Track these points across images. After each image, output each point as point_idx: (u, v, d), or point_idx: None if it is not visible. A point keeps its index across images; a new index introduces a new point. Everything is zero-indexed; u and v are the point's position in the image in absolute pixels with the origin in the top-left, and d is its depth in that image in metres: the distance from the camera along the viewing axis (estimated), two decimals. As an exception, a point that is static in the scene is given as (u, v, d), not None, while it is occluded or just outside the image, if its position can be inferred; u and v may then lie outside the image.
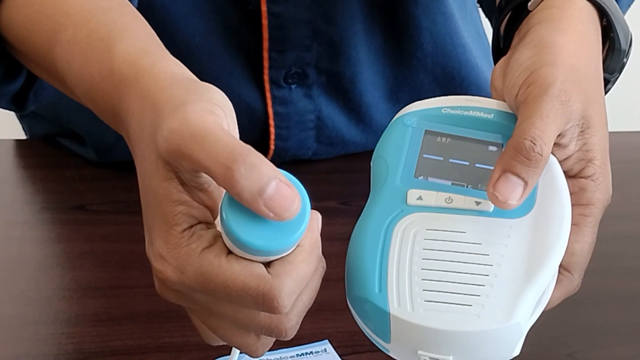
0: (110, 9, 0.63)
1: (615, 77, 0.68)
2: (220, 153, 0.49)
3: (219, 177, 0.49)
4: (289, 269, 0.51)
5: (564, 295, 0.59)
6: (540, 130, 0.55)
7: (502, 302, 0.52)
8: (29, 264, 0.81)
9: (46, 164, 0.97)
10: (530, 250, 0.54)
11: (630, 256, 0.85)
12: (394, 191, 0.57)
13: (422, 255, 0.54)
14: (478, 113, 0.59)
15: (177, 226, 0.51)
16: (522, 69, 0.58)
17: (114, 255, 0.82)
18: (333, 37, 0.90)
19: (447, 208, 0.56)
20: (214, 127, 0.50)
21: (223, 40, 0.89)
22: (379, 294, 0.53)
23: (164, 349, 0.71)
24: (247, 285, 0.50)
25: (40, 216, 0.89)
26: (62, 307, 0.75)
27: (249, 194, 0.49)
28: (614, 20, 0.66)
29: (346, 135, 0.96)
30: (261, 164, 0.49)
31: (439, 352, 0.52)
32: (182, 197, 0.52)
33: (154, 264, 0.53)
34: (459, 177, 0.57)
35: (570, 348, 0.73)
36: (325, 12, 0.89)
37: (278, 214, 0.49)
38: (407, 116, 0.60)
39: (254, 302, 0.51)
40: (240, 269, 0.51)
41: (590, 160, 0.58)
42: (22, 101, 0.77)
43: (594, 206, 0.59)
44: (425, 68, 0.95)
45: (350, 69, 0.92)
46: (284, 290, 0.50)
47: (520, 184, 0.54)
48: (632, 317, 0.77)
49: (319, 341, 0.71)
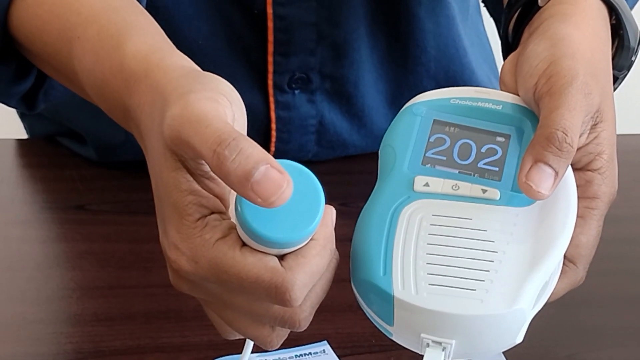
0: (120, 7, 0.64)
1: (623, 74, 0.68)
2: (209, 137, 0.49)
3: (209, 161, 0.49)
4: (302, 263, 0.51)
5: (569, 286, 0.59)
6: (569, 121, 0.55)
7: (506, 287, 0.52)
8: (28, 263, 0.81)
9: (46, 163, 0.97)
10: (536, 238, 0.54)
11: (630, 258, 0.85)
12: (401, 178, 0.57)
13: (428, 240, 0.54)
14: (487, 104, 0.59)
15: (189, 216, 0.51)
16: (540, 59, 0.58)
17: (114, 255, 0.82)
18: (337, 40, 0.90)
19: (454, 195, 0.56)
20: (210, 113, 0.51)
21: (227, 44, 0.89)
22: (383, 276, 0.53)
23: (163, 349, 0.71)
24: (260, 277, 0.50)
25: (39, 216, 0.89)
26: (61, 306, 0.75)
27: (236, 177, 0.48)
28: (624, 17, 0.66)
29: (347, 139, 0.96)
30: (249, 148, 0.49)
31: (442, 335, 0.52)
32: (192, 187, 0.52)
33: (168, 254, 0.53)
34: (466, 166, 0.57)
35: (570, 350, 0.73)
36: (330, 15, 0.89)
37: (264, 198, 0.48)
38: (416, 105, 0.60)
39: (266, 294, 0.51)
40: (254, 261, 0.51)
41: (598, 154, 0.59)
42: (32, 101, 0.77)
43: (599, 200, 0.59)
44: (429, 72, 0.95)
45: (353, 73, 0.92)
46: (296, 283, 0.50)
47: (552, 174, 0.54)
48: (631, 319, 0.77)
49: (318, 342, 0.71)
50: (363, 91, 0.94)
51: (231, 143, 0.49)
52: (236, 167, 0.48)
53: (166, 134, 0.51)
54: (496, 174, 0.57)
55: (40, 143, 1.01)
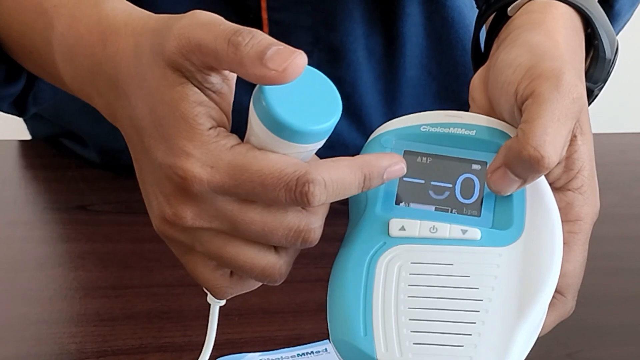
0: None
1: (599, 86, 0.64)
2: (224, 31, 0.49)
3: (223, 53, 0.49)
4: (330, 166, 0.50)
5: (558, 318, 0.56)
6: (551, 135, 0.50)
7: (494, 341, 0.49)
8: (30, 263, 0.81)
9: (48, 164, 0.98)
10: (522, 280, 0.51)
11: (630, 257, 0.85)
12: (374, 221, 0.53)
13: (408, 293, 0.51)
14: (459, 130, 0.56)
15: (200, 125, 0.50)
16: (515, 65, 0.54)
17: (116, 255, 0.82)
18: (334, 43, 0.90)
19: (432, 238, 0.52)
20: (220, 18, 0.50)
21: None
22: (364, 337, 0.50)
23: (165, 349, 0.71)
24: (284, 170, 0.49)
25: (42, 216, 0.90)
26: (64, 306, 0.75)
27: (250, 59, 0.48)
28: (598, 26, 0.63)
29: (347, 138, 0.96)
30: (262, 35, 0.49)
31: None
32: (200, 97, 0.51)
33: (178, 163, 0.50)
34: (442, 201, 0.54)
35: (570, 348, 0.73)
36: (326, 18, 0.89)
37: (278, 67, 0.48)
38: (384, 136, 0.57)
39: (286, 189, 0.49)
40: (277, 157, 0.50)
41: (579, 171, 0.55)
42: (22, 105, 0.77)
43: (582, 221, 0.55)
44: (425, 70, 0.95)
45: (351, 74, 0.92)
46: (318, 179, 0.49)
47: (518, 181, 0.52)
48: (632, 317, 0.77)
49: (320, 341, 0.71)
50: (361, 91, 0.94)
51: (245, 31, 0.49)
52: (250, 50, 0.48)
53: (173, 46, 0.50)
54: (475, 208, 0.54)
55: (42, 144, 1.01)
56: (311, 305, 0.75)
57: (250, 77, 0.49)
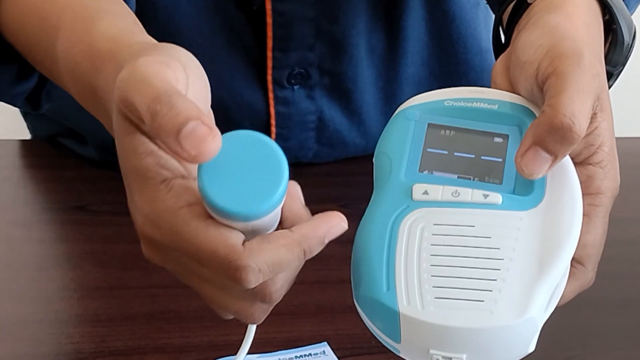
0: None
1: (618, 70, 0.66)
2: (148, 95, 0.48)
3: (145, 119, 0.48)
4: (265, 248, 0.49)
5: (578, 288, 0.57)
6: (579, 105, 0.52)
7: (515, 296, 0.50)
8: (29, 263, 0.81)
9: (47, 164, 0.98)
10: (542, 242, 0.52)
11: (630, 261, 0.85)
12: (398, 187, 0.55)
13: (431, 251, 0.52)
14: (482, 104, 0.58)
15: (150, 179, 0.50)
16: (536, 46, 0.56)
17: (114, 255, 0.82)
18: (336, 36, 0.90)
19: (455, 202, 0.54)
20: (156, 74, 0.50)
21: (226, 41, 0.89)
22: (387, 292, 0.51)
23: (164, 350, 0.71)
24: (216, 252, 0.49)
25: (41, 216, 0.90)
26: (62, 307, 0.75)
27: (166, 132, 0.47)
28: (616, 11, 0.65)
29: (347, 136, 0.96)
30: (183, 105, 0.48)
31: (452, 350, 0.51)
32: (149, 148, 0.50)
33: (135, 218, 0.51)
34: (465, 170, 0.56)
35: (570, 352, 0.73)
36: (329, 10, 0.89)
37: (188, 152, 0.47)
38: (409, 110, 0.59)
39: (221, 269, 0.49)
40: (215, 234, 0.49)
41: (599, 146, 0.56)
42: (36, 100, 0.78)
43: (603, 195, 0.57)
44: (426, 68, 0.95)
45: (352, 69, 0.93)
46: (250, 265, 0.48)
47: (550, 159, 0.52)
48: (631, 321, 0.77)
49: (318, 343, 0.71)
50: (361, 88, 0.94)
51: (164, 99, 0.48)
52: (167, 122, 0.47)
53: (116, 96, 0.50)
54: (497, 177, 0.55)
55: (41, 144, 1.01)
56: (309, 308, 0.75)
57: (169, 149, 0.48)
